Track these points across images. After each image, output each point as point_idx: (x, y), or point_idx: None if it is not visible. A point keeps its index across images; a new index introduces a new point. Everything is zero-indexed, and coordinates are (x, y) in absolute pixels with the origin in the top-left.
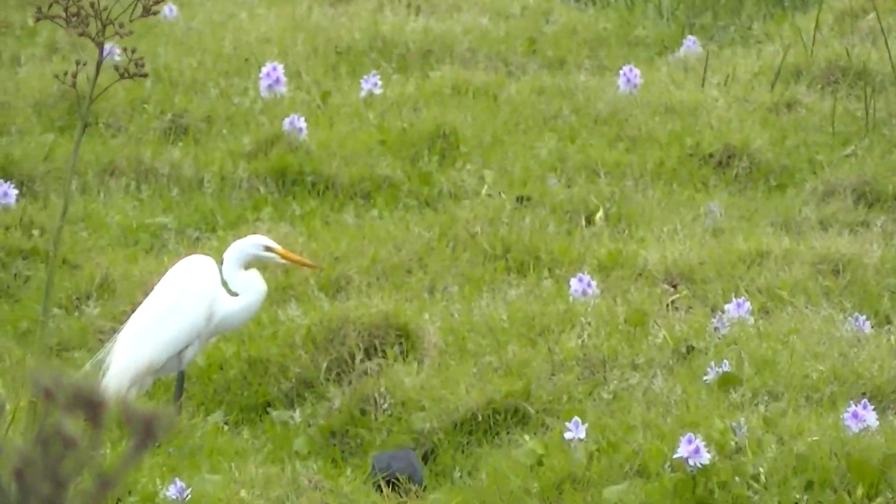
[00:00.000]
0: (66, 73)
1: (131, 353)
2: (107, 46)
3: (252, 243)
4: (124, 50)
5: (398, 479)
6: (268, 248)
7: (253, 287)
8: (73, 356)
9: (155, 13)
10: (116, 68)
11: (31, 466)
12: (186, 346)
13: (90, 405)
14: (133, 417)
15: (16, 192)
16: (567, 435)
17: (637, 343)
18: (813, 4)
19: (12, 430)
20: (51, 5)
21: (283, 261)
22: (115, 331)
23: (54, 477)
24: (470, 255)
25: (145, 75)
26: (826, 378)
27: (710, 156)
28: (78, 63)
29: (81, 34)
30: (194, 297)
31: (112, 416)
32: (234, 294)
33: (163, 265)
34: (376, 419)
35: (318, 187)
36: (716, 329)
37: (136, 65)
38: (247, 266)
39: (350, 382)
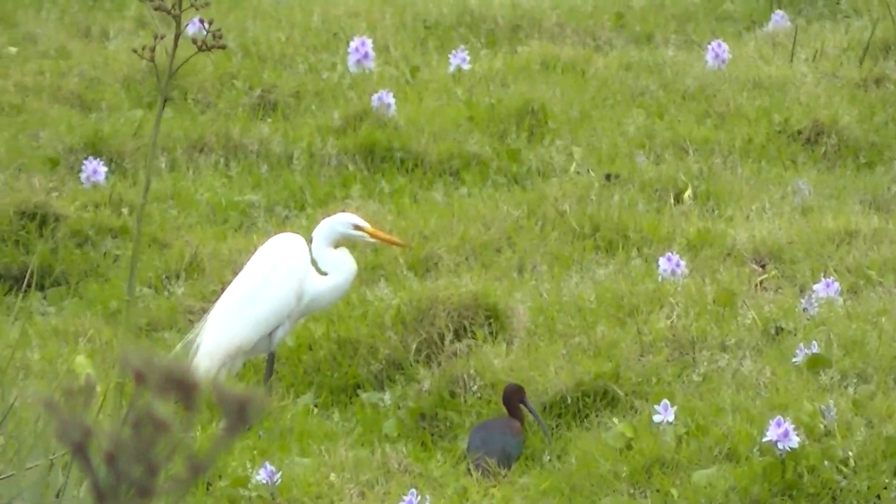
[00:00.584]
0: (144, 48)
1: (221, 334)
2: (192, 20)
3: (341, 221)
4: (202, 22)
5: (487, 463)
6: (357, 227)
7: (343, 266)
8: (163, 336)
9: None
10: (194, 41)
11: (122, 449)
12: (277, 327)
13: (182, 387)
14: (225, 399)
15: (105, 169)
16: (656, 418)
17: (726, 324)
18: None
19: (102, 412)
20: None
21: (372, 239)
22: (204, 310)
23: (145, 460)
24: (559, 233)
25: (223, 47)
26: None
27: (799, 132)
28: (156, 37)
29: (157, 8)
30: (284, 275)
31: (203, 398)
32: (324, 273)
33: (252, 243)
34: (465, 401)
35: (407, 164)
36: (804, 309)
37: (215, 37)
38: (336, 245)
39: (439, 364)
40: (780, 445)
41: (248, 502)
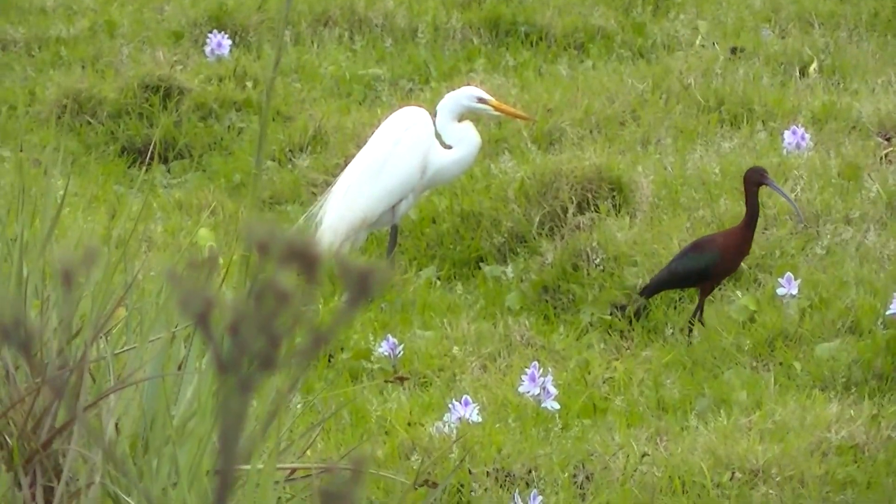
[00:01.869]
0: None
1: (345, 207)
2: None
3: (466, 94)
4: None
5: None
6: (481, 100)
7: (467, 139)
8: (286, 209)
9: None
10: None
11: (245, 321)
12: (400, 200)
13: (305, 259)
14: (347, 272)
15: (230, 42)
16: (779, 291)
17: (850, 197)
18: None
19: (225, 285)
20: None
21: (497, 112)
22: (327, 183)
23: (268, 332)
24: (683, 106)
25: None
26: None
27: None
28: None
29: None
30: (409, 149)
31: (326, 270)
32: (448, 147)
33: (376, 117)
34: (588, 274)
35: (532, 37)
36: None
37: None
38: (460, 118)
39: (563, 237)
40: None
41: (370, 374)
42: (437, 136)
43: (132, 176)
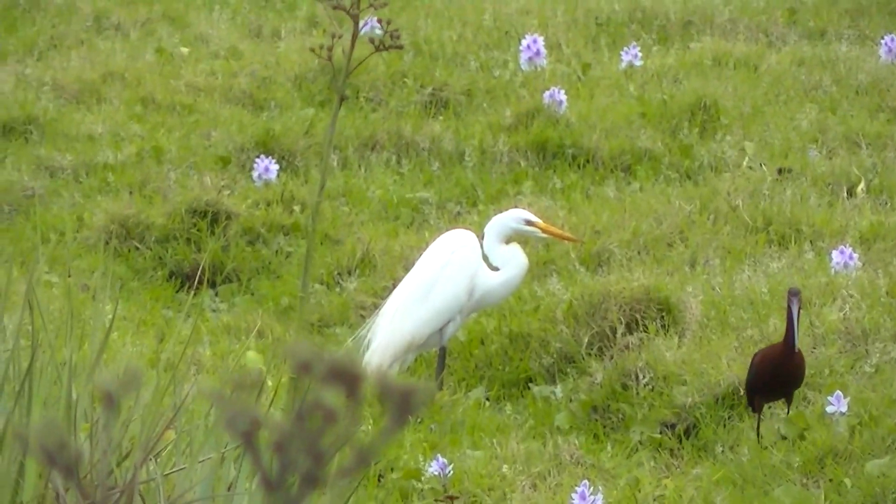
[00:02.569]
0: (321, 47)
1: (393, 329)
2: (366, 19)
3: (513, 217)
4: (380, 21)
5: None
6: (529, 222)
7: (514, 261)
8: (334, 332)
9: None
10: (372, 41)
11: (291, 440)
12: (448, 322)
13: (348, 379)
14: (390, 391)
15: (277, 167)
16: (829, 409)
17: None
18: None
19: (273, 407)
20: None
21: (545, 235)
22: (375, 306)
23: (313, 451)
24: (731, 227)
25: (400, 47)
26: None
27: None
28: (333, 36)
29: (336, 7)
30: (457, 271)
31: (371, 390)
32: (495, 269)
33: (423, 240)
34: (637, 394)
35: (579, 160)
36: None
37: (392, 37)
38: (508, 240)
39: (611, 357)
40: None
41: (420, 494)
42: (485, 258)
43: (180, 300)
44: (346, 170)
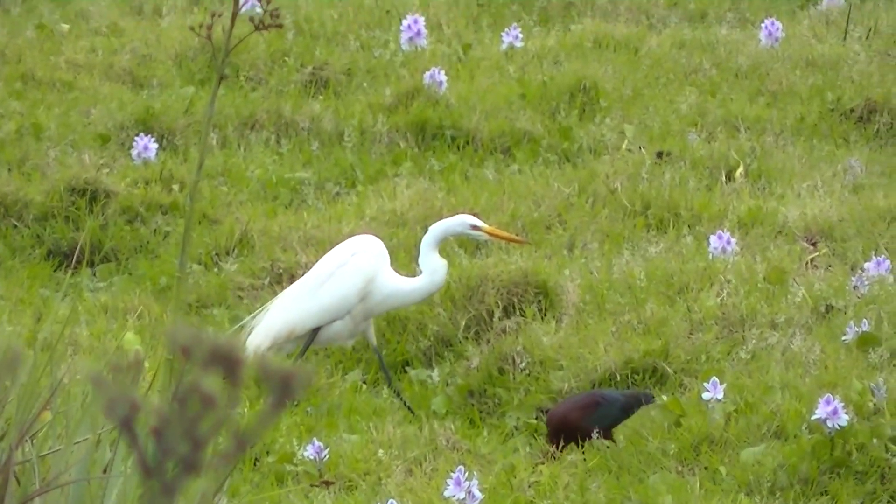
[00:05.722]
0: (201, 25)
1: (278, 315)
2: None
3: (459, 222)
4: (260, 0)
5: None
6: (475, 227)
7: (434, 275)
8: (212, 313)
9: None
10: (252, 19)
11: (169, 425)
12: (335, 320)
13: (228, 362)
14: (270, 374)
15: (156, 145)
16: (705, 395)
17: (776, 301)
18: None
19: (151, 389)
20: None
21: (491, 238)
22: (253, 287)
23: (192, 435)
24: (609, 210)
25: (280, 26)
26: None
27: (851, 111)
28: (213, 14)
29: None
30: (351, 274)
31: (250, 374)
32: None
33: (302, 220)
34: (514, 378)
35: (458, 141)
36: (855, 287)
37: (272, 16)
38: (441, 247)
39: (488, 341)
40: (829, 423)
41: (295, 478)
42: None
43: (58, 279)
44: (226, 149)
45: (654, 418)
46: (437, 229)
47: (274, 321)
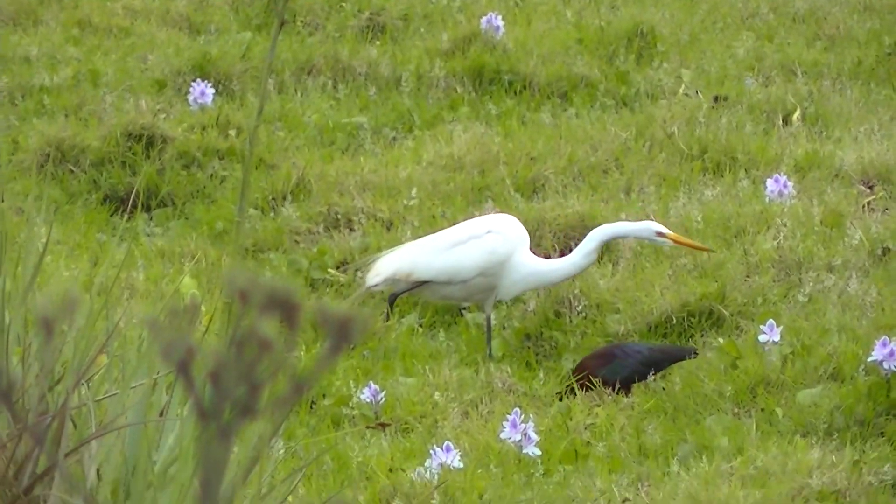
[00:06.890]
0: None
1: (404, 257)
2: None
3: (645, 229)
4: None
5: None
6: (660, 234)
7: (582, 261)
8: (268, 257)
9: None
10: None
11: (226, 369)
12: (447, 284)
13: (286, 307)
14: (328, 319)
15: (213, 91)
16: (761, 338)
17: (833, 244)
18: None
19: (207, 334)
20: None
21: (675, 244)
22: (310, 231)
23: (249, 379)
24: (666, 155)
25: None
26: None
27: None
28: None
29: None
30: (478, 249)
31: (307, 318)
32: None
33: (359, 165)
34: (571, 321)
35: (515, 86)
36: None
37: None
38: (606, 244)
39: None
40: (885, 365)
41: (351, 421)
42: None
43: (115, 224)
44: (283, 94)
45: (711, 361)
46: (617, 230)
47: (398, 259)
